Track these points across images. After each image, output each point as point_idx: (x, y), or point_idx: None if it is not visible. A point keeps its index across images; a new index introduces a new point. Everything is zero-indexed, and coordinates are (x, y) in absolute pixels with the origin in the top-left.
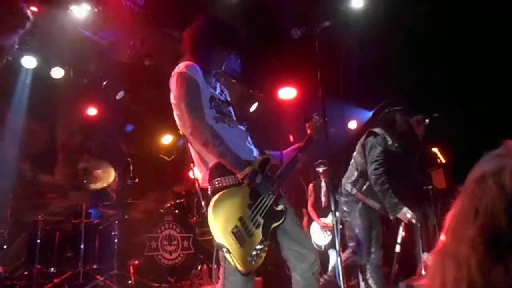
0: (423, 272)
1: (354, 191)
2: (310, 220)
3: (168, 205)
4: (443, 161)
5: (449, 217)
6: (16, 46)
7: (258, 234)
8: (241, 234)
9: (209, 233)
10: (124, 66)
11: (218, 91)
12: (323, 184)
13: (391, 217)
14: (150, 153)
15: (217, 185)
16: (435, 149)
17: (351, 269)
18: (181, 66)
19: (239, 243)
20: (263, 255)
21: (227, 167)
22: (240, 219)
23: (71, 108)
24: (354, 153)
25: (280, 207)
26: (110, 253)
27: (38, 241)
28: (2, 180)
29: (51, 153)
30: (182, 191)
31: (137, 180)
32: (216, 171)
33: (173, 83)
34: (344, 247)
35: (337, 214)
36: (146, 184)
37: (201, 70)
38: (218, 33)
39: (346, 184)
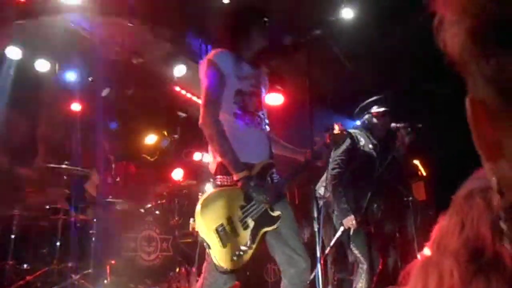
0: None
1: (327, 194)
2: None
3: (149, 205)
4: (424, 173)
5: (435, 231)
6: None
7: (245, 235)
8: (225, 233)
9: (189, 235)
10: (111, 63)
11: (250, 81)
12: None
13: (338, 222)
14: (132, 152)
15: (218, 182)
16: (416, 161)
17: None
18: (211, 53)
19: (222, 241)
20: (247, 256)
21: (226, 166)
22: (228, 218)
23: (54, 102)
24: None
25: (276, 213)
26: (86, 251)
27: (12, 236)
28: None
29: (31, 146)
30: (164, 192)
31: (118, 179)
32: (222, 168)
33: (201, 69)
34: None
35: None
36: (127, 183)
37: (235, 57)
38: (255, 18)
39: (320, 187)
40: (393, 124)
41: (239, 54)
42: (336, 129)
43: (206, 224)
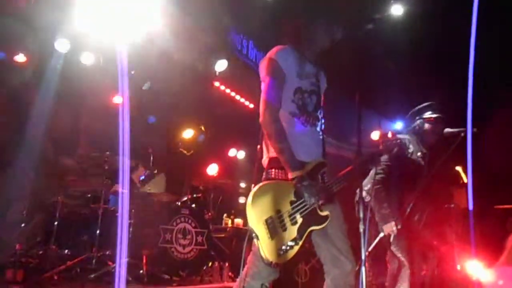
0: None
1: (368, 198)
2: None
3: (185, 198)
4: (465, 180)
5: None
6: None
7: (293, 230)
8: (274, 226)
9: (222, 230)
10: (153, 57)
11: (311, 80)
12: None
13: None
14: (170, 146)
15: (271, 175)
16: (458, 168)
17: None
18: (273, 51)
19: (270, 233)
20: (293, 252)
21: (282, 164)
22: (278, 211)
23: (97, 94)
24: None
25: (325, 213)
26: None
27: (56, 222)
28: (25, 160)
29: (74, 137)
30: (200, 186)
31: (156, 171)
32: (275, 161)
33: (262, 66)
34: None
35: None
36: (165, 176)
37: (298, 55)
38: (321, 11)
39: (363, 192)
40: (446, 130)
41: (302, 52)
42: (390, 136)
43: (256, 214)
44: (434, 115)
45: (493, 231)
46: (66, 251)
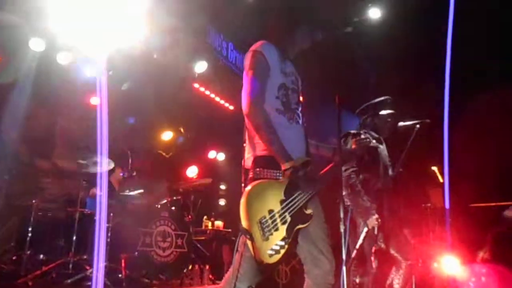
0: None
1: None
2: None
3: (165, 201)
4: (442, 180)
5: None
6: None
7: (283, 230)
8: (267, 226)
9: (202, 233)
10: (132, 57)
11: (291, 78)
12: None
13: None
14: (149, 148)
15: (257, 175)
16: (434, 168)
17: None
18: (257, 45)
19: (263, 233)
20: (282, 252)
21: (274, 155)
22: (270, 211)
23: (74, 95)
24: None
25: (308, 211)
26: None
27: (30, 226)
28: None
29: (50, 138)
30: (180, 188)
31: (134, 174)
32: (261, 161)
33: (246, 59)
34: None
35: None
36: (143, 179)
37: (280, 52)
38: (302, 12)
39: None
40: (400, 123)
41: (284, 50)
42: (363, 137)
43: (250, 215)
44: (387, 111)
45: (469, 229)
46: (42, 256)
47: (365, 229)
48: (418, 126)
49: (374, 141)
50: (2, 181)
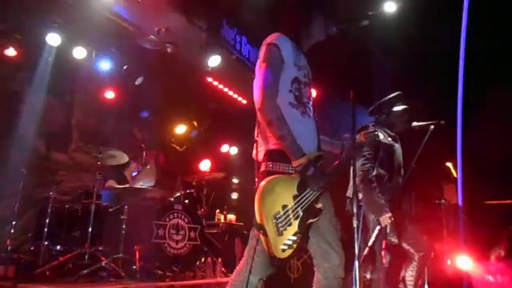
0: None
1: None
2: None
3: (178, 194)
4: (456, 176)
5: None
6: None
7: (295, 225)
8: (281, 221)
9: (215, 226)
10: (146, 52)
11: (304, 71)
12: None
13: (374, 219)
14: (162, 142)
15: (270, 168)
16: (449, 164)
17: None
18: (272, 37)
19: (277, 229)
20: (294, 247)
21: (285, 151)
22: (284, 206)
23: (90, 89)
24: None
25: (319, 205)
26: (117, 236)
27: (47, 218)
28: (17, 155)
29: (66, 132)
30: (193, 182)
31: (148, 167)
32: (273, 154)
33: (261, 51)
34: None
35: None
36: (157, 172)
37: (294, 45)
38: (319, 11)
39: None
40: (414, 123)
41: (298, 43)
42: (371, 129)
43: (265, 210)
44: (400, 107)
45: (483, 226)
46: (58, 247)
47: (378, 227)
48: (432, 126)
49: (389, 139)
50: (20, 174)
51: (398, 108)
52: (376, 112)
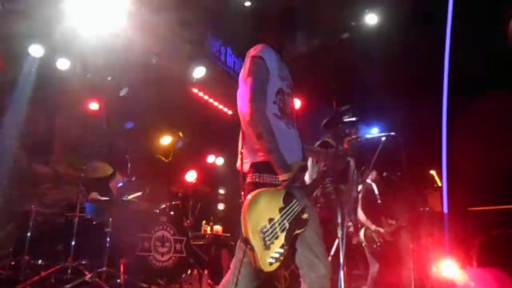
0: None
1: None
2: None
3: (164, 206)
4: (440, 184)
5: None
6: None
7: (282, 238)
8: (268, 235)
9: (201, 238)
10: (130, 63)
11: (287, 82)
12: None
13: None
14: (147, 153)
15: (256, 180)
16: (432, 172)
17: None
18: (257, 49)
19: (264, 243)
20: (282, 259)
21: (272, 164)
22: (270, 220)
23: (73, 100)
24: None
25: (305, 216)
26: (101, 249)
27: (29, 232)
28: None
29: (49, 143)
30: (178, 193)
31: (133, 179)
32: (259, 166)
33: (246, 63)
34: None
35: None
36: (142, 184)
37: (278, 56)
38: (301, 16)
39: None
40: (367, 136)
41: (282, 54)
42: (355, 137)
43: (251, 225)
44: (351, 119)
45: (467, 233)
46: (40, 261)
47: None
48: (383, 138)
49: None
50: (1, 187)
51: (348, 119)
52: (330, 125)
